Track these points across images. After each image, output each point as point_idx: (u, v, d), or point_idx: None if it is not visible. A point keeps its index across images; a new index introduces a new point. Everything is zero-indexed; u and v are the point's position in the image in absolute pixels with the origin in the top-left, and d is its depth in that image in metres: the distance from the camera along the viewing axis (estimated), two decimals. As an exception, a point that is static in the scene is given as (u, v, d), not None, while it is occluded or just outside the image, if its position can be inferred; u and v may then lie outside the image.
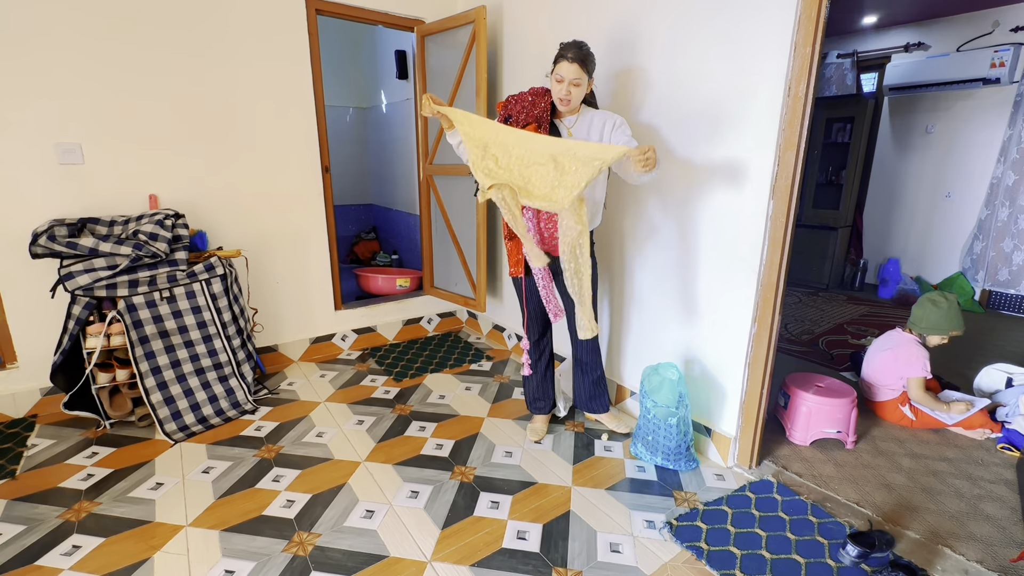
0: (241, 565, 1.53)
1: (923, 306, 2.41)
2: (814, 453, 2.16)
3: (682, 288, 2.15)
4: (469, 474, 2.00)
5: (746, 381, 1.98)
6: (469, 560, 1.56)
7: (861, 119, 4.67)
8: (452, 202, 3.21)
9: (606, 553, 1.60)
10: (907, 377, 2.34)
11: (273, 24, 2.66)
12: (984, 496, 1.90)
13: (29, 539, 1.62)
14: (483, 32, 2.72)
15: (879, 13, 4.33)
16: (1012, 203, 4.06)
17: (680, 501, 1.85)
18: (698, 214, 2.04)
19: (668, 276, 2.20)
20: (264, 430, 2.31)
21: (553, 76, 1.84)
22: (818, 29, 1.61)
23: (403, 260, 4.87)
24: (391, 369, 2.99)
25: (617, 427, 2.26)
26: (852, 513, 1.80)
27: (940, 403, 2.32)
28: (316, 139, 2.91)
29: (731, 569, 1.53)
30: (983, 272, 4.28)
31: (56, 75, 2.20)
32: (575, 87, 1.82)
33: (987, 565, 1.56)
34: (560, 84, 1.82)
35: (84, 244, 2.11)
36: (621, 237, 2.38)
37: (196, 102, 2.53)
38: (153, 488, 1.89)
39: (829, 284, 4.99)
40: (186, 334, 2.34)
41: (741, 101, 1.83)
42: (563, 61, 1.80)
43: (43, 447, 2.14)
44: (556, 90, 1.84)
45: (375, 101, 4.99)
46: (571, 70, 1.80)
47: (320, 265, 3.08)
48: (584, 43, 1.83)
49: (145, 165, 2.46)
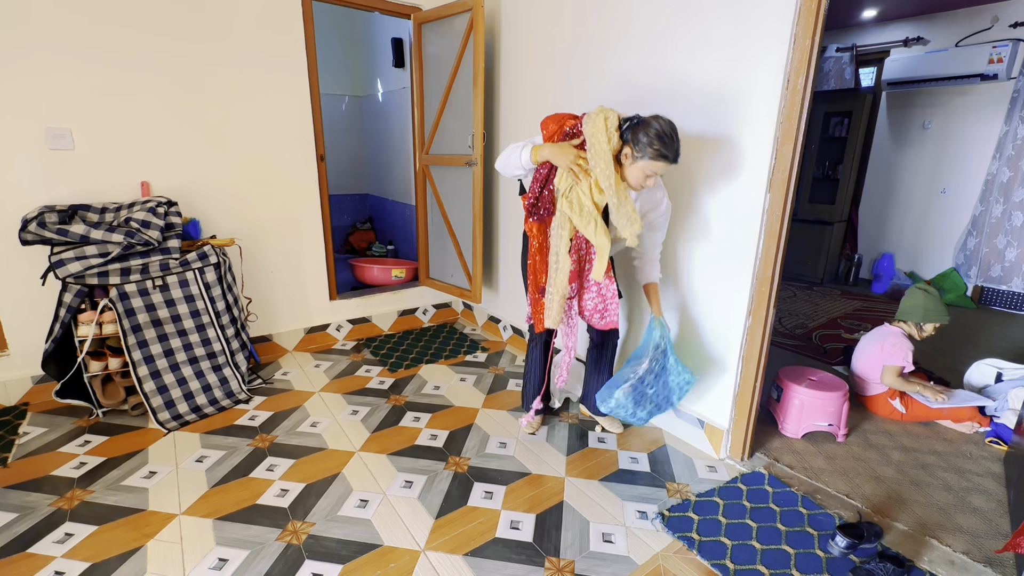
0: (235, 553, 1.53)
1: (914, 295, 2.43)
2: (805, 446, 2.18)
3: (677, 281, 2.16)
4: (463, 464, 2.01)
5: (739, 374, 1.99)
6: (462, 549, 1.57)
7: (859, 114, 4.67)
8: (448, 192, 3.19)
9: (599, 543, 1.61)
10: (885, 365, 2.37)
11: (268, 10, 2.62)
12: (972, 489, 1.92)
13: (21, 527, 1.62)
14: (481, 20, 2.69)
15: (879, 7, 4.31)
16: (1006, 200, 4.08)
17: (672, 492, 1.87)
18: (694, 206, 2.03)
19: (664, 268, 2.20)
20: (258, 419, 2.30)
21: (642, 167, 1.65)
22: (818, 21, 1.60)
23: (399, 251, 4.85)
24: (386, 360, 2.99)
25: (611, 426, 2.27)
26: (842, 505, 1.82)
27: (914, 384, 2.37)
28: (311, 127, 2.87)
29: (722, 559, 1.54)
30: (976, 268, 4.31)
31: (45, 58, 2.16)
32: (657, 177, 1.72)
33: (973, 556, 1.58)
34: (648, 178, 1.68)
35: (75, 231, 2.09)
36: (617, 229, 2.37)
37: (189, 88, 2.49)
38: (146, 477, 1.89)
39: (823, 279, 5.01)
40: (179, 323, 2.32)
41: (739, 93, 1.82)
42: (662, 161, 1.63)
43: (35, 435, 2.13)
44: (638, 179, 1.68)
45: (371, 90, 4.94)
46: (667, 168, 1.67)
47: (315, 255, 3.06)
48: (678, 136, 1.66)
49: (137, 151, 2.43)
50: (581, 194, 1.69)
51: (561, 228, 1.74)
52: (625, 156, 1.68)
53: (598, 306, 1.98)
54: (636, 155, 1.65)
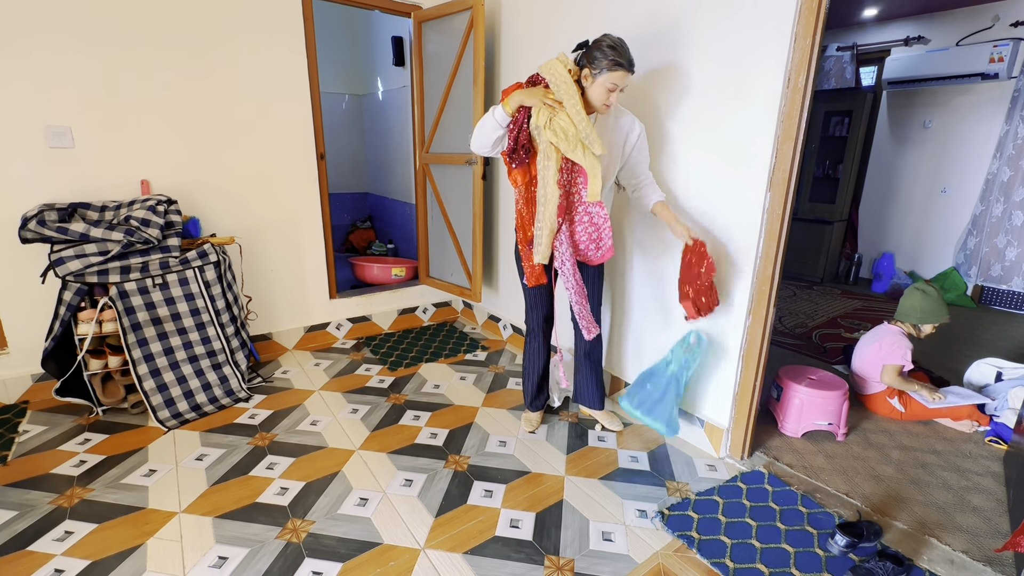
0: (234, 551, 1.53)
1: (912, 296, 2.43)
2: (805, 445, 2.18)
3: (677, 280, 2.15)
4: (463, 463, 2.01)
5: (740, 373, 1.99)
6: (462, 548, 1.57)
7: (859, 113, 4.66)
8: (448, 191, 3.19)
9: (598, 541, 1.61)
10: (884, 364, 2.37)
11: (269, 8, 2.61)
12: (971, 488, 1.92)
13: (21, 524, 1.62)
14: (481, 19, 2.69)
15: (880, 6, 4.30)
16: (1007, 199, 4.08)
17: (672, 491, 1.87)
18: (694, 205, 2.03)
19: (665, 267, 2.20)
20: (258, 418, 2.30)
21: (604, 83, 1.70)
22: (819, 20, 1.59)
23: (399, 249, 4.85)
24: (386, 358, 2.99)
25: (610, 424, 2.27)
26: (841, 504, 1.82)
27: (912, 383, 2.37)
28: (311, 126, 2.87)
29: (721, 558, 1.54)
30: (976, 267, 4.31)
31: (44, 55, 2.16)
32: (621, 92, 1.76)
33: (972, 555, 1.58)
34: (612, 93, 1.72)
35: (75, 229, 2.09)
36: (620, 228, 2.37)
37: (189, 86, 2.49)
38: (146, 475, 1.89)
39: (823, 278, 5.01)
40: (179, 321, 2.32)
41: (740, 92, 1.81)
42: (620, 70, 1.68)
43: (35, 433, 2.13)
44: (604, 98, 1.73)
45: (371, 88, 4.93)
46: (626, 78, 1.71)
47: (315, 253, 3.06)
48: (628, 47, 1.72)
49: (137, 150, 2.42)
50: (563, 122, 1.71)
51: (547, 160, 1.75)
52: (585, 78, 1.74)
53: (592, 235, 1.90)
54: (594, 72, 1.71)
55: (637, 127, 1.92)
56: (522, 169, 1.84)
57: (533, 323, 2.15)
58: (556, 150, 1.73)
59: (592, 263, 2.00)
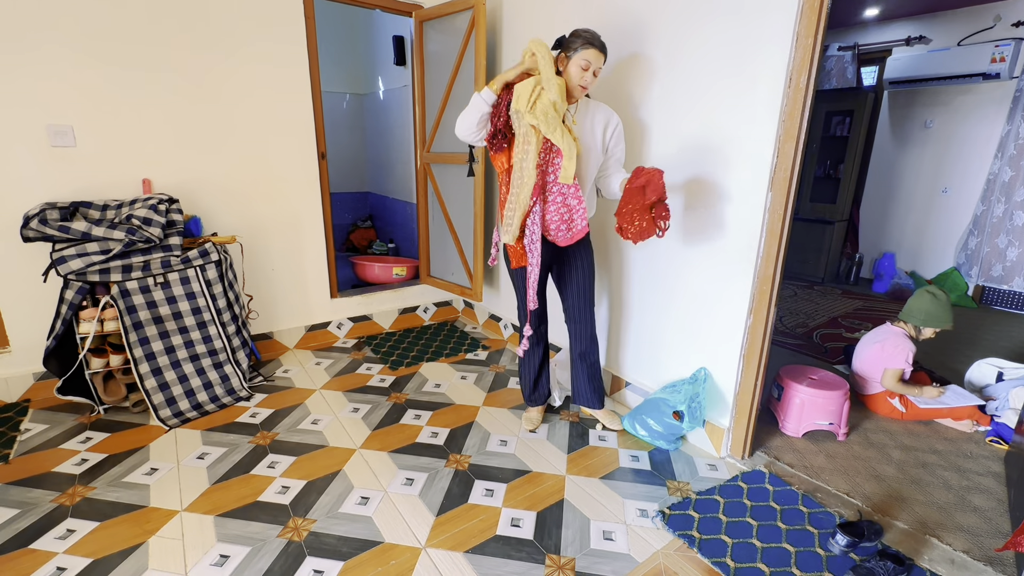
0: (236, 550, 1.54)
1: (921, 297, 2.43)
2: (806, 444, 2.18)
3: (678, 279, 2.16)
4: (464, 462, 2.01)
5: (740, 372, 1.99)
6: (463, 547, 1.58)
7: (860, 113, 4.66)
8: (449, 191, 3.19)
9: (599, 540, 1.62)
10: (886, 367, 2.37)
11: (270, 7, 2.62)
12: (972, 488, 1.92)
13: (22, 523, 1.62)
14: (482, 18, 2.69)
15: (881, 6, 4.30)
16: (1008, 199, 4.08)
17: (673, 490, 1.87)
18: (695, 205, 2.03)
19: (666, 267, 2.20)
20: (259, 417, 2.31)
21: (576, 61, 1.80)
22: (820, 20, 1.59)
23: (400, 249, 4.85)
24: (387, 357, 2.99)
25: (610, 423, 2.27)
26: (842, 503, 1.82)
27: (913, 387, 2.38)
28: (312, 125, 2.87)
29: (722, 557, 1.54)
30: (977, 267, 4.31)
31: (47, 54, 2.16)
32: (595, 75, 1.84)
33: (973, 555, 1.58)
34: (586, 72, 1.81)
35: (76, 228, 2.09)
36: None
37: (191, 85, 2.49)
38: (148, 473, 1.89)
39: (824, 278, 5.01)
40: (180, 320, 2.32)
41: (741, 91, 1.81)
42: (591, 48, 1.79)
43: (36, 431, 2.14)
44: (579, 77, 1.82)
45: (372, 87, 4.93)
46: (599, 58, 1.80)
47: (316, 253, 3.06)
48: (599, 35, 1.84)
49: (138, 149, 2.42)
50: (546, 103, 1.76)
51: (527, 142, 1.79)
52: (561, 62, 1.84)
53: (564, 216, 1.92)
54: (569, 54, 1.82)
55: (614, 119, 1.98)
56: (503, 154, 1.90)
57: (524, 316, 2.16)
58: (536, 132, 1.78)
59: (560, 244, 2.00)
